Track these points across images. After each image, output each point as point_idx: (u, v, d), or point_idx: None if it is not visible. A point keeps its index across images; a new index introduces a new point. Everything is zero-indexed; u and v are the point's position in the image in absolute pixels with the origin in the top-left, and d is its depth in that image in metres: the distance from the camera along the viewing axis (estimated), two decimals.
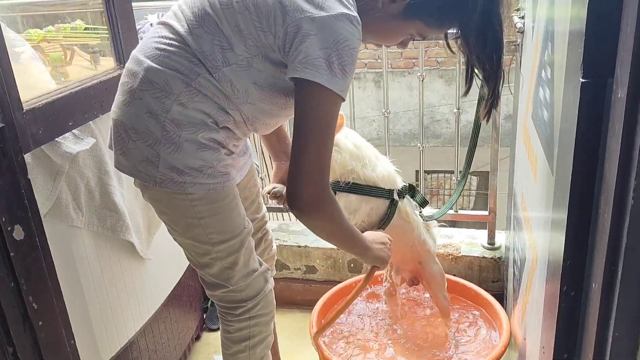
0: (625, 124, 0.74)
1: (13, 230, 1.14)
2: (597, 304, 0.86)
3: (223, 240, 1.36)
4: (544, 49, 1.26)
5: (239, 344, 1.50)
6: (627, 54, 0.73)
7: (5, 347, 1.18)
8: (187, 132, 1.23)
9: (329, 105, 1.16)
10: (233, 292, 1.43)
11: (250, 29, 1.18)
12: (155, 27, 1.31)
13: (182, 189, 1.26)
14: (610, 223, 0.80)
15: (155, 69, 1.23)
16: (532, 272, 1.39)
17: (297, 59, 1.13)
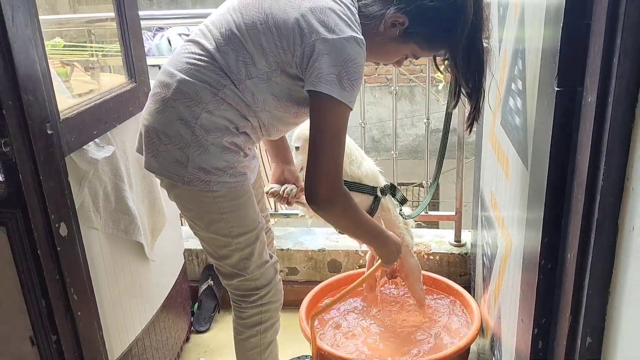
0: (595, 122, 0.95)
1: (59, 227, 1.27)
2: (572, 270, 1.05)
3: (242, 233, 1.52)
4: (512, 64, 1.49)
5: (252, 329, 1.65)
6: (595, 67, 0.94)
7: (49, 335, 1.29)
8: (214, 137, 1.39)
9: (339, 114, 1.34)
10: (248, 280, 1.58)
11: (272, 47, 1.34)
12: (185, 44, 1.47)
13: (208, 187, 1.42)
14: (583, 202, 0.99)
15: (187, 81, 1.39)
16: (506, 259, 1.61)
17: (312, 75, 1.31)
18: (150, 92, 1.48)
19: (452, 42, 1.41)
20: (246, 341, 1.66)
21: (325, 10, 1.31)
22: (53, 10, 2.38)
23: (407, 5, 1.35)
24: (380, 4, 1.38)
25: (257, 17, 1.35)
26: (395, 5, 1.36)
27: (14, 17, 1.17)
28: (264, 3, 1.36)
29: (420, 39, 1.43)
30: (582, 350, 1.06)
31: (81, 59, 2.38)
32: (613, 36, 0.90)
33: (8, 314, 1.31)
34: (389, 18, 1.38)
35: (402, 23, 1.38)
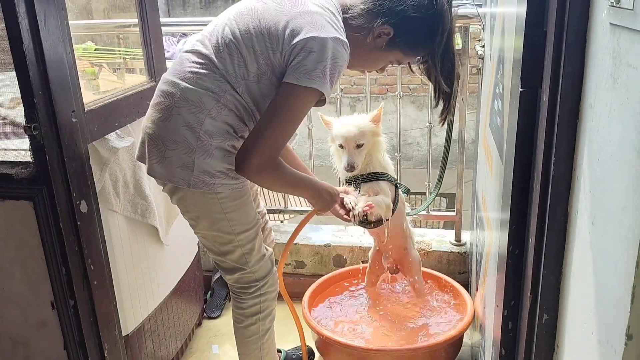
0: (548, 119, 1.06)
1: (80, 204, 1.43)
2: (532, 253, 1.17)
3: (244, 230, 1.65)
4: (497, 70, 1.61)
5: (251, 318, 1.79)
6: (547, 71, 1.06)
7: (67, 299, 1.45)
8: (217, 141, 1.51)
9: (308, 102, 1.46)
10: (248, 273, 1.72)
11: (263, 49, 1.47)
12: (184, 54, 1.57)
13: (213, 190, 1.54)
14: (540, 191, 1.11)
15: (190, 89, 1.50)
16: (489, 251, 1.72)
17: (298, 69, 1.42)
18: (151, 102, 1.58)
19: (433, 48, 1.55)
20: (246, 329, 1.79)
21: (313, 14, 1.45)
22: (88, 16, 2.56)
23: (392, 17, 1.50)
24: (367, 17, 1.53)
25: (250, 22, 1.49)
26: (381, 17, 1.50)
27: (46, 20, 1.35)
28: (257, 10, 1.50)
29: (404, 47, 1.57)
30: (539, 326, 1.16)
31: (110, 62, 2.57)
32: (560, 41, 1.01)
33: (32, 280, 1.48)
34: (376, 29, 1.52)
35: (387, 33, 1.53)
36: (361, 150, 1.93)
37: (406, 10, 1.50)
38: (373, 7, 1.53)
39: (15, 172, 1.41)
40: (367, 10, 1.54)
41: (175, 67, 1.57)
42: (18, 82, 1.33)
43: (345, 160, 1.92)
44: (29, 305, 1.53)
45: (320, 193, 1.69)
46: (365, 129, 1.92)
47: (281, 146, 1.49)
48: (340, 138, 1.92)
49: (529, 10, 1.11)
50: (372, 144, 1.96)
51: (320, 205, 1.73)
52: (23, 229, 1.44)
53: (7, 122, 1.73)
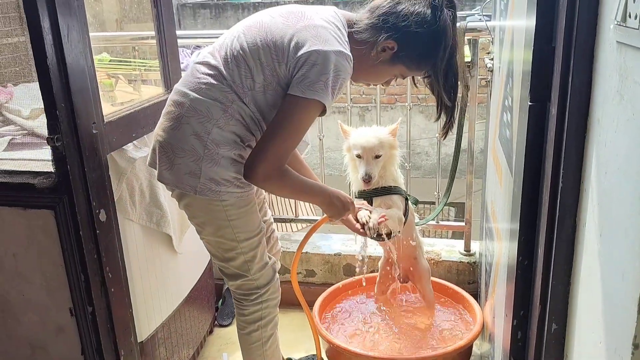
0: (557, 132, 1.09)
1: (99, 213, 1.47)
2: (541, 263, 1.19)
3: (247, 238, 1.68)
4: (506, 83, 1.64)
5: (253, 324, 1.82)
6: (556, 86, 1.08)
7: (86, 306, 1.49)
8: (224, 150, 1.55)
9: (313, 114, 1.51)
10: (250, 280, 1.75)
11: (269, 60, 1.52)
12: (195, 65, 1.63)
13: (218, 197, 1.59)
14: (548, 202, 1.13)
15: (199, 99, 1.55)
16: (498, 262, 1.74)
17: (302, 82, 1.47)
18: (163, 111, 1.64)
19: (435, 63, 1.59)
20: (249, 335, 1.83)
21: (318, 28, 1.50)
22: (102, 28, 2.63)
23: (396, 32, 1.54)
24: (372, 31, 1.57)
25: (257, 35, 1.54)
26: (386, 32, 1.55)
27: (69, 34, 1.39)
28: (265, 24, 1.55)
29: (407, 61, 1.61)
30: (548, 336, 1.18)
31: (125, 73, 2.63)
32: (568, 56, 1.04)
33: (52, 287, 1.52)
34: (380, 44, 1.56)
35: (391, 48, 1.57)
36: (378, 161, 1.95)
37: (409, 26, 1.54)
38: (377, 22, 1.57)
39: (37, 181, 1.45)
40: (371, 24, 1.58)
41: (186, 78, 1.63)
42: (42, 95, 1.37)
43: (362, 170, 1.93)
44: (48, 311, 1.57)
45: (331, 199, 1.72)
46: (385, 140, 1.95)
47: (286, 155, 1.53)
48: (358, 148, 1.94)
49: (538, 25, 1.14)
50: (388, 157, 1.98)
51: (332, 212, 1.76)
52: (44, 237, 1.49)
53: (28, 132, 1.79)
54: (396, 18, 1.55)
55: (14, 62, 2.01)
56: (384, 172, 1.99)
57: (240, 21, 1.65)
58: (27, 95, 1.90)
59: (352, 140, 1.98)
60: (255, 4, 11.72)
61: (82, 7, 1.44)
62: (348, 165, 2.07)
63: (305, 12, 1.58)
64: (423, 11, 1.55)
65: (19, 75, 2.00)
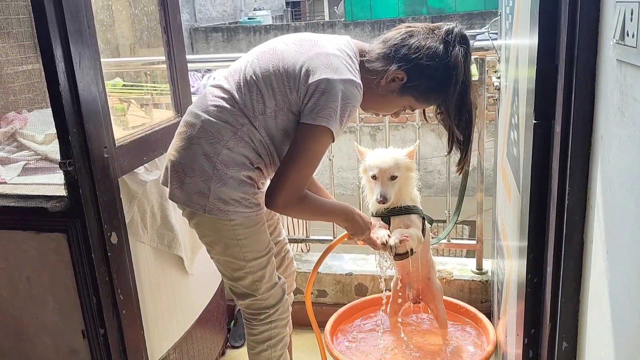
0: (561, 150, 1.09)
1: (111, 236, 1.49)
2: (550, 281, 1.18)
3: (255, 257, 1.69)
4: (512, 101, 1.65)
5: (262, 344, 1.82)
6: (559, 104, 1.09)
7: (98, 328, 1.51)
8: (232, 171, 1.58)
9: (324, 142, 1.54)
10: (259, 300, 1.75)
11: (280, 86, 1.55)
12: (209, 88, 1.67)
13: (227, 216, 1.61)
14: (555, 220, 1.13)
15: (210, 121, 1.59)
16: (509, 280, 1.73)
17: (314, 110, 1.50)
18: (176, 131, 1.67)
19: (445, 97, 1.61)
20: (258, 355, 1.82)
21: (330, 56, 1.53)
22: (115, 54, 2.69)
23: (407, 63, 1.57)
24: (383, 62, 1.60)
25: (270, 62, 1.57)
26: (396, 63, 1.57)
27: (81, 61, 1.43)
28: (278, 51, 1.59)
29: (416, 93, 1.63)
30: (559, 354, 1.17)
31: (137, 97, 2.68)
32: (570, 75, 1.05)
33: (64, 309, 1.54)
34: (391, 74, 1.58)
35: (401, 79, 1.59)
36: (394, 182, 1.94)
37: (420, 58, 1.56)
38: (389, 52, 1.60)
39: (50, 205, 1.48)
40: (383, 54, 1.61)
41: (200, 100, 1.66)
42: (54, 120, 1.41)
43: (378, 191, 1.93)
44: (60, 333, 1.59)
45: (354, 217, 1.74)
46: (401, 162, 1.95)
47: (304, 183, 1.56)
48: (374, 168, 1.94)
49: (540, 44, 1.15)
50: (405, 179, 1.98)
51: (354, 230, 1.77)
52: (56, 260, 1.51)
53: (42, 157, 1.82)
54: (408, 50, 1.58)
55: (28, 89, 2.05)
56: (401, 193, 1.98)
57: (255, 47, 1.69)
58: (41, 120, 1.95)
59: (368, 161, 1.98)
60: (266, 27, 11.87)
61: (93, 35, 1.48)
62: (365, 187, 2.07)
63: (318, 40, 1.61)
64: (435, 45, 1.58)
65: (33, 101, 2.05)
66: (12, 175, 1.76)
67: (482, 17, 9.03)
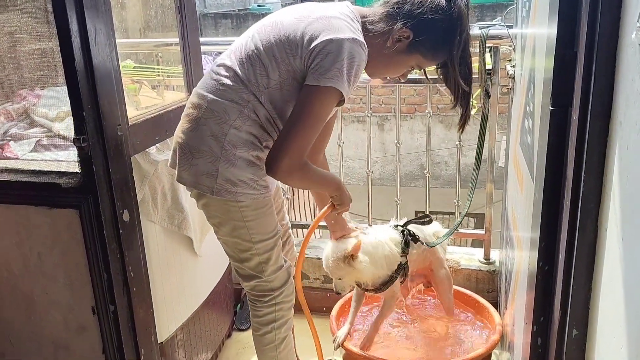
0: (578, 136, 1.09)
1: (123, 213, 1.50)
2: (562, 268, 1.18)
3: (262, 239, 1.69)
4: (528, 89, 1.64)
5: (267, 326, 1.82)
6: (578, 90, 1.08)
7: (108, 305, 1.52)
8: (241, 151, 1.57)
9: (330, 102, 1.51)
10: (264, 282, 1.75)
11: (283, 56, 1.54)
12: (212, 68, 1.65)
13: (234, 198, 1.60)
14: (570, 207, 1.13)
15: (216, 101, 1.57)
16: (519, 269, 1.73)
17: (318, 71, 1.48)
18: (183, 113, 1.66)
19: (452, 49, 1.59)
20: (263, 337, 1.83)
21: (330, 18, 1.52)
22: (126, 35, 2.68)
23: (411, 20, 1.54)
24: (387, 21, 1.57)
25: (271, 33, 1.56)
26: (400, 21, 1.55)
27: (96, 37, 1.43)
28: (277, 22, 1.57)
29: (424, 49, 1.60)
30: (569, 342, 1.17)
31: (148, 79, 2.67)
32: (590, 61, 1.04)
33: (75, 286, 1.55)
34: (396, 33, 1.56)
35: (407, 37, 1.57)
36: (343, 280, 2.00)
37: (424, 13, 1.54)
38: (392, 11, 1.57)
39: (63, 181, 1.48)
40: (386, 14, 1.58)
41: (204, 81, 1.66)
42: (69, 96, 1.41)
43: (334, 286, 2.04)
44: (70, 310, 1.60)
45: (342, 187, 1.74)
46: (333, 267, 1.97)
47: (307, 147, 1.53)
48: None
49: (559, 31, 1.14)
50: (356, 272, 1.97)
51: (342, 199, 1.77)
52: (68, 236, 1.51)
53: (54, 134, 1.83)
54: (411, 5, 1.56)
55: (42, 67, 2.05)
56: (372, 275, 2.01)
57: (255, 23, 1.68)
58: (54, 98, 1.95)
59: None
60: None
61: (109, 11, 1.48)
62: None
63: (317, 6, 1.60)
64: None
65: (46, 79, 2.05)
66: (25, 151, 1.77)
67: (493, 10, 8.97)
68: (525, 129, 1.66)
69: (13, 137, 1.84)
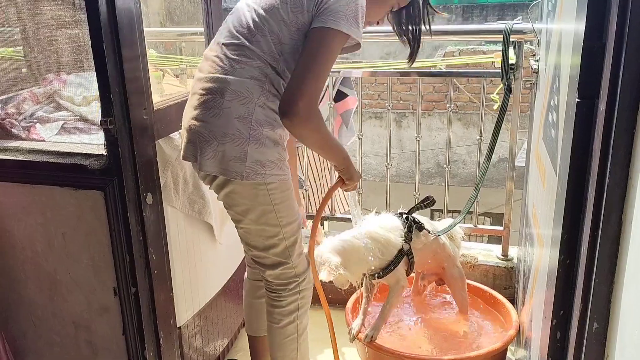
0: (605, 128, 1.08)
1: (146, 196, 1.52)
2: (584, 261, 1.18)
3: (289, 222, 1.70)
4: (552, 83, 1.64)
5: (290, 316, 1.82)
6: (605, 82, 1.08)
7: (129, 286, 1.54)
8: (267, 129, 1.58)
9: (338, 43, 1.52)
10: (290, 268, 1.76)
11: (290, 16, 1.54)
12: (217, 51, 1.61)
13: (264, 180, 1.60)
14: (594, 199, 1.12)
15: (238, 81, 1.56)
16: (538, 264, 1.73)
17: (323, 14, 1.49)
18: (194, 103, 1.61)
19: None
20: (284, 329, 1.82)
21: None
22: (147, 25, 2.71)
23: None
24: None
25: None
26: None
27: (125, 20, 1.44)
28: None
29: None
30: (589, 335, 1.16)
31: (171, 67, 2.70)
32: (619, 52, 1.04)
33: (98, 267, 1.58)
34: None
35: None
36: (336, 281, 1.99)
37: None
38: None
39: (89, 163, 1.51)
40: None
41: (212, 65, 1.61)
42: (97, 79, 1.43)
43: None
44: (92, 290, 1.62)
45: (350, 160, 1.73)
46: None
47: (320, 90, 1.52)
48: None
49: (588, 23, 1.14)
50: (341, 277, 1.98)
51: (350, 173, 1.76)
52: (92, 217, 1.54)
53: (79, 118, 1.85)
54: None
55: (68, 52, 2.09)
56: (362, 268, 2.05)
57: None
58: (79, 83, 1.98)
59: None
60: None
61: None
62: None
63: None
64: None
65: (72, 64, 2.08)
66: (50, 134, 1.79)
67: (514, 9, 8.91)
68: (549, 122, 1.65)
69: (39, 120, 1.87)
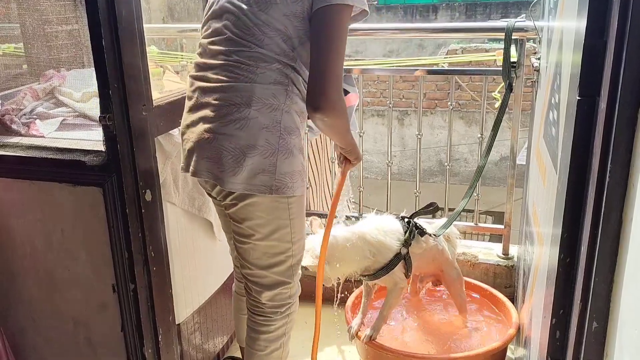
0: (605, 126, 1.08)
1: (145, 193, 1.52)
2: (584, 260, 1.17)
3: (300, 238, 1.65)
4: (554, 81, 1.63)
5: (277, 342, 1.73)
6: (606, 80, 1.07)
7: (128, 283, 1.53)
8: (295, 137, 1.52)
9: (346, 18, 1.45)
10: (287, 289, 1.68)
11: (292, 8, 1.47)
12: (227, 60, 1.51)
13: (292, 192, 1.53)
14: (594, 198, 1.12)
15: (262, 88, 1.47)
16: (538, 263, 1.72)
17: None
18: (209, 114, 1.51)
19: None
20: (269, 356, 1.73)
21: None
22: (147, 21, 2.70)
23: None
24: None
25: None
26: None
27: (123, 15, 1.44)
28: None
29: None
30: (588, 334, 1.16)
31: (172, 64, 2.70)
32: (620, 50, 1.03)
33: (96, 263, 1.58)
34: None
35: None
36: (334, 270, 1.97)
37: None
38: None
39: (87, 159, 1.51)
40: None
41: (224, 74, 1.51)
42: (96, 74, 1.42)
43: None
44: (91, 287, 1.62)
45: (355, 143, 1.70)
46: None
47: (342, 70, 1.47)
48: None
49: (589, 20, 1.13)
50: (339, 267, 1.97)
51: (356, 154, 1.73)
52: (91, 213, 1.53)
53: (79, 114, 1.85)
54: None
55: (68, 48, 2.08)
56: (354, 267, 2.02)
57: None
58: (79, 79, 1.97)
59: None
60: None
61: None
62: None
63: None
64: None
65: (72, 60, 2.07)
66: (50, 130, 1.79)
67: (517, 7, 8.91)
68: (550, 120, 1.65)
69: (39, 116, 1.87)
